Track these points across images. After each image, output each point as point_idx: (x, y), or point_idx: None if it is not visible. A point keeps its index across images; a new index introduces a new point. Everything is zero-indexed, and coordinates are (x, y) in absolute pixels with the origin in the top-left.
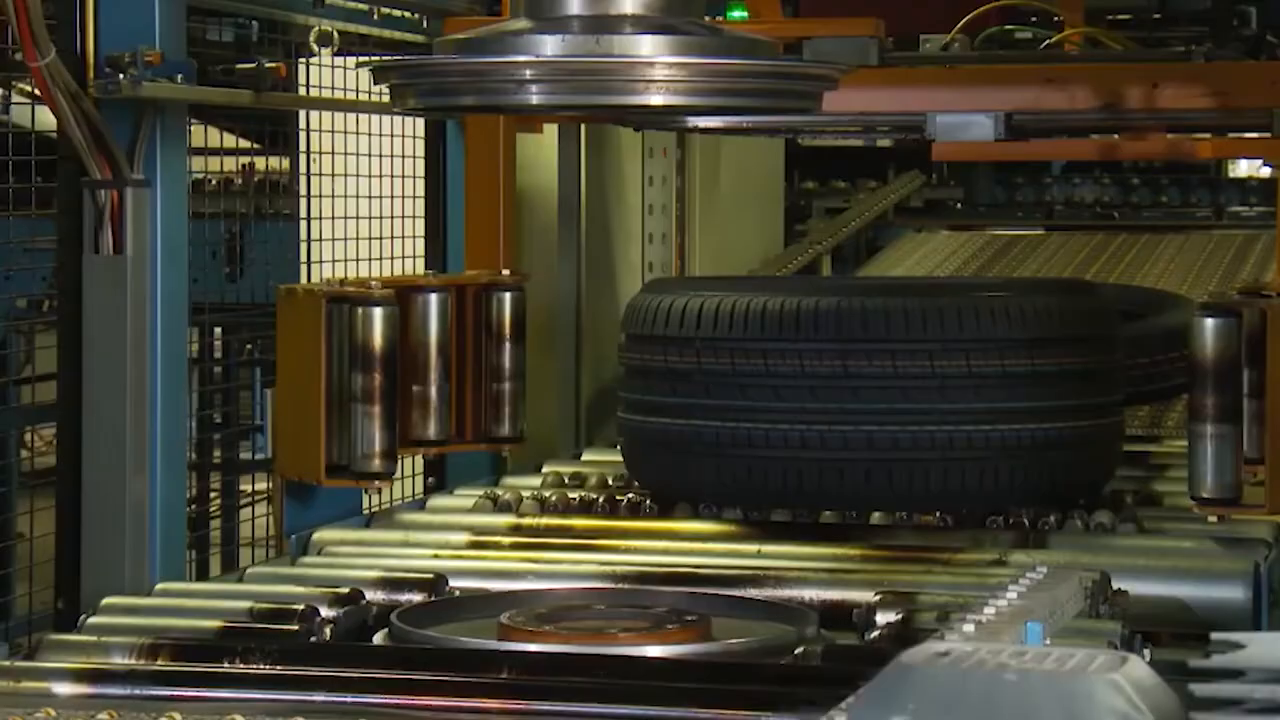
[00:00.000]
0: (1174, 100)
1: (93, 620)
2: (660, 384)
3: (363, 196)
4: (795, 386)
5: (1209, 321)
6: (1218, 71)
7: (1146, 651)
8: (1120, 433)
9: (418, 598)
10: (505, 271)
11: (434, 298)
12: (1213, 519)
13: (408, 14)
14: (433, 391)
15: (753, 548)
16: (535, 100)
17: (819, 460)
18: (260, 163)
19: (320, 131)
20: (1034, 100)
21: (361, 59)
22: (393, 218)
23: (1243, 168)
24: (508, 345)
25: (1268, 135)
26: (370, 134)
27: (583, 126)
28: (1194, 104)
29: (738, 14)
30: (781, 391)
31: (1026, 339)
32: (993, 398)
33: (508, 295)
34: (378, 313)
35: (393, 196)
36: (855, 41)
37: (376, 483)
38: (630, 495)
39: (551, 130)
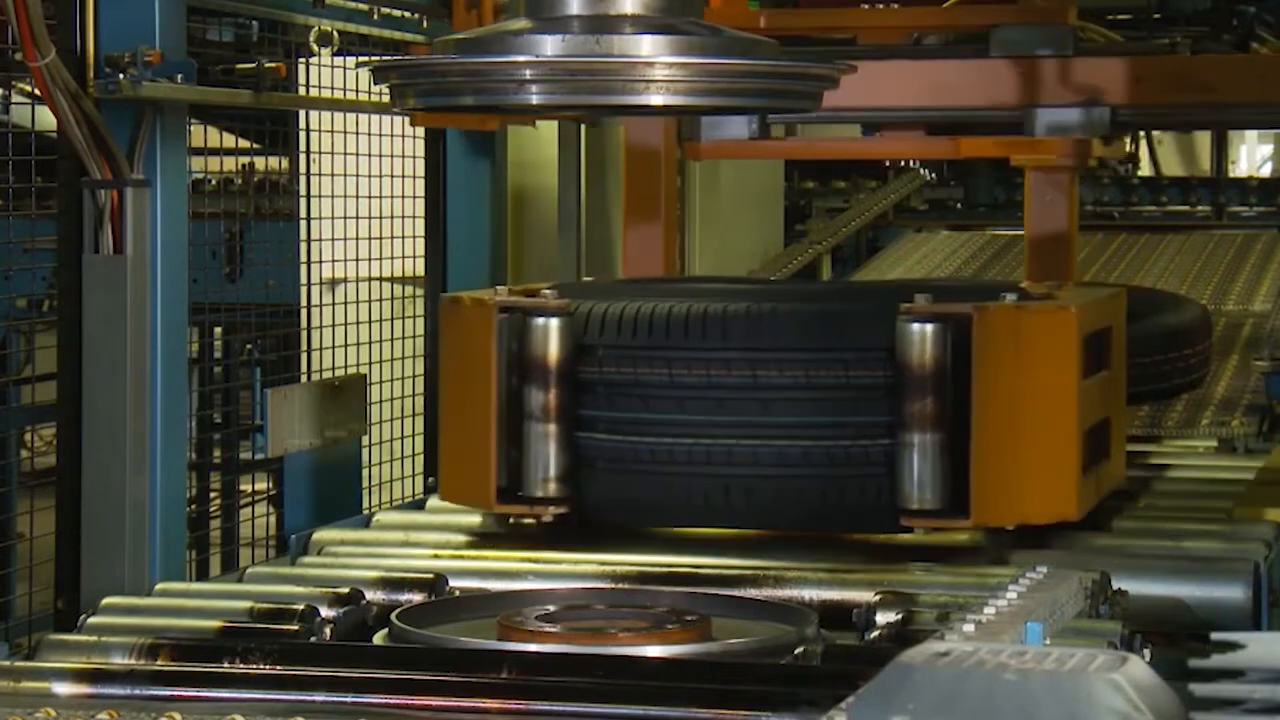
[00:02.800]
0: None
1: (93, 620)
2: (570, 395)
3: (363, 196)
4: (702, 398)
5: (913, 327)
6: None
7: (1146, 651)
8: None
9: (418, 598)
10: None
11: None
12: (920, 531)
13: (408, 14)
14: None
15: (753, 546)
16: (535, 100)
17: (724, 477)
18: (260, 163)
19: (320, 131)
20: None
21: (361, 59)
22: (393, 218)
23: (1243, 167)
24: None
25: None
26: (370, 134)
27: (582, 125)
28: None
29: None
30: (687, 404)
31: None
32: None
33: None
34: (554, 324)
35: (393, 196)
36: (1051, 30)
37: (552, 509)
38: None
39: (551, 129)
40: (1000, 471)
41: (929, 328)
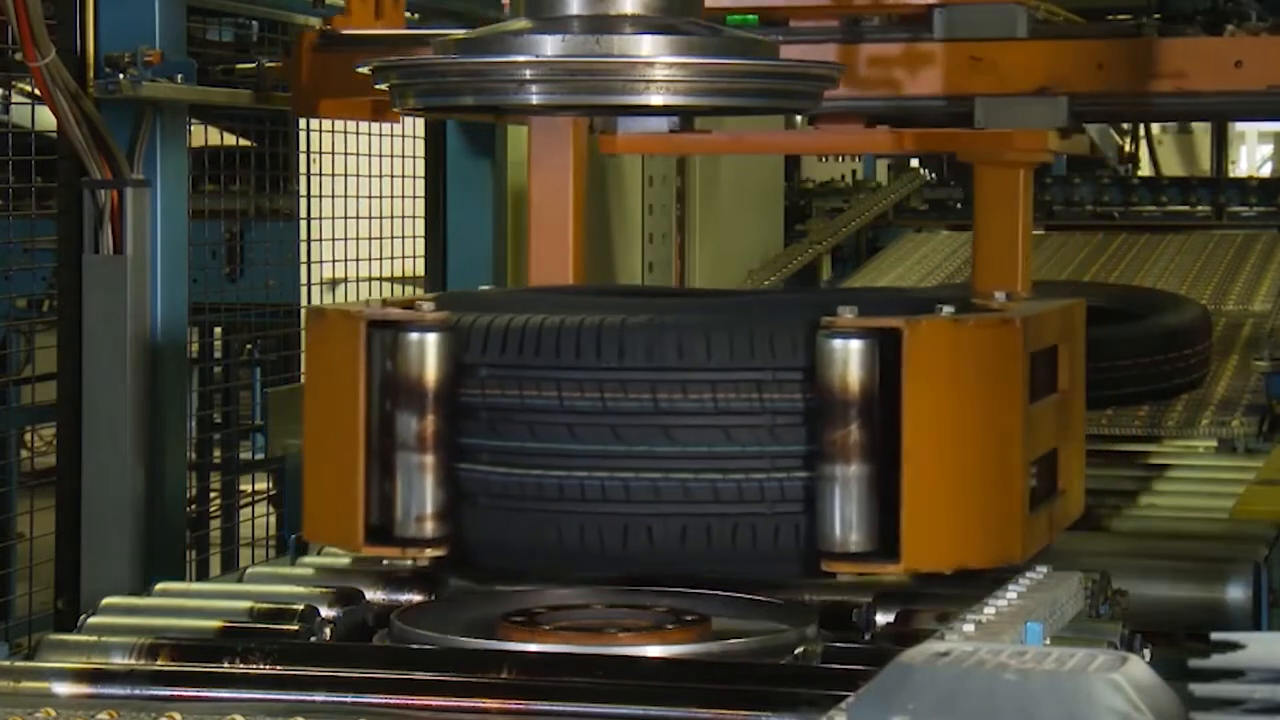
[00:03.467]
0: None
1: (93, 620)
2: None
3: (363, 196)
4: (595, 424)
5: (835, 344)
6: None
7: (1146, 651)
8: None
9: (418, 598)
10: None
11: None
12: (844, 577)
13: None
14: None
15: None
16: (535, 100)
17: (622, 516)
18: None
19: (320, 131)
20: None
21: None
22: (393, 218)
23: (1243, 167)
24: None
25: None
26: (370, 134)
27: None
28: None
29: None
30: (578, 430)
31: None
32: None
33: None
34: (430, 340)
35: (393, 196)
36: (1002, 10)
37: (429, 552)
38: None
39: None
40: (934, 509)
41: (853, 344)
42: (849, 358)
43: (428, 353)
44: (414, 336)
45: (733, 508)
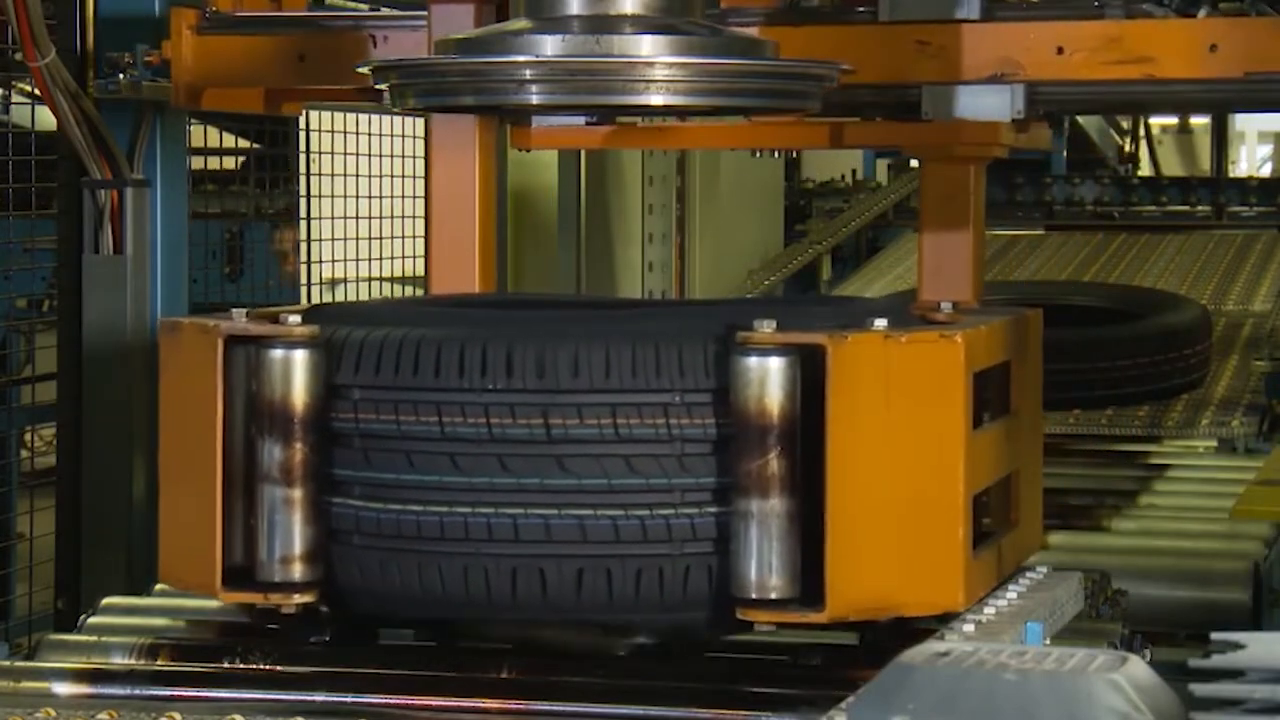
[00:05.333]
0: (1086, 69)
1: (93, 620)
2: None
3: (363, 196)
4: (480, 454)
5: (750, 362)
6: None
7: (1146, 651)
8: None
9: None
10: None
11: None
12: (764, 627)
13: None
14: None
15: None
16: (535, 100)
17: (511, 558)
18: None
19: (320, 131)
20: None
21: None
22: (393, 218)
23: (1243, 167)
24: None
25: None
26: (370, 134)
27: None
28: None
29: None
30: (461, 461)
31: None
32: None
33: None
34: (298, 358)
35: (393, 196)
36: None
37: (297, 598)
38: None
39: None
40: (863, 550)
41: (772, 363)
42: (766, 378)
43: (294, 372)
44: (278, 354)
45: (636, 549)
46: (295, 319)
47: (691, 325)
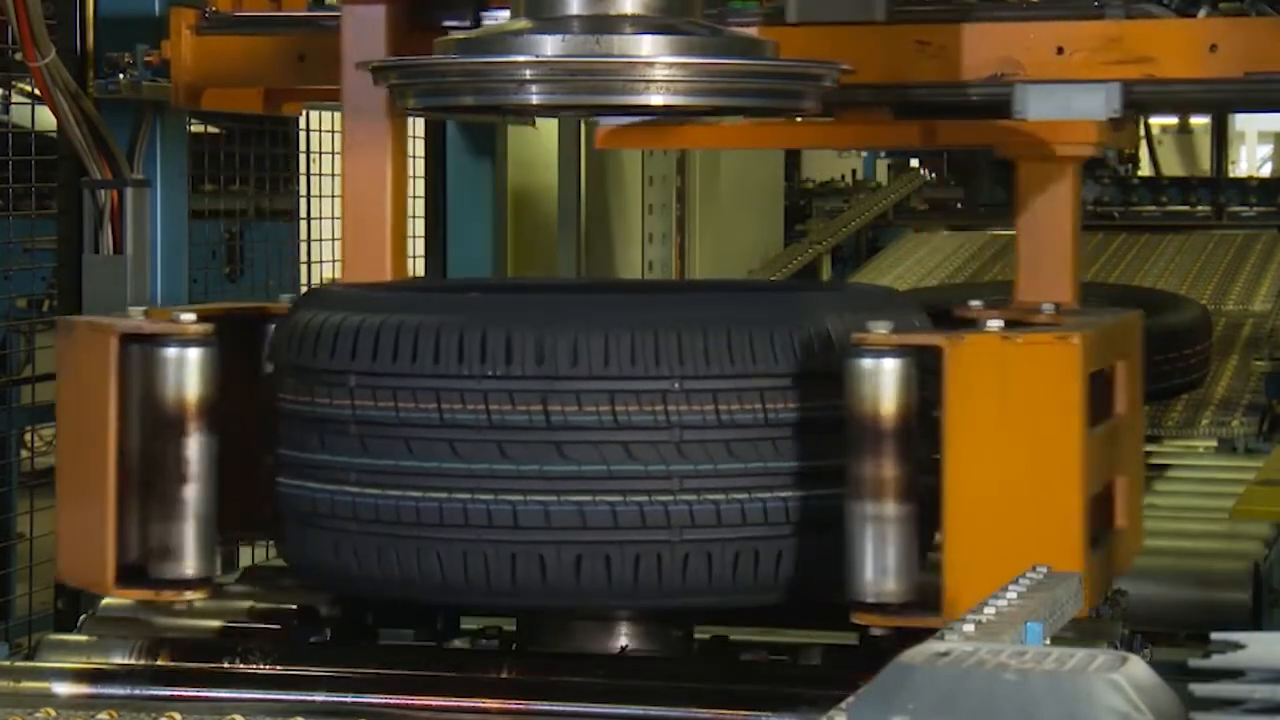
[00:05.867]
0: (1086, 69)
1: (93, 620)
2: (309, 435)
3: None
4: (479, 440)
5: (864, 364)
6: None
7: (1146, 651)
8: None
9: None
10: None
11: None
12: (878, 631)
13: None
14: None
15: None
16: (535, 100)
17: (510, 544)
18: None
19: (320, 131)
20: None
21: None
22: None
23: (1243, 167)
24: None
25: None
26: None
27: (582, 126)
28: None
29: None
30: (460, 447)
31: (799, 373)
32: (750, 455)
33: None
34: (191, 356)
35: None
36: None
37: (189, 595)
38: None
39: (551, 129)
40: (980, 554)
41: (886, 364)
42: (880, 379)
43: (188, 371)
44: (172, 353)
45: (634, 534)
46: (190, 317)
47: (690, 309)
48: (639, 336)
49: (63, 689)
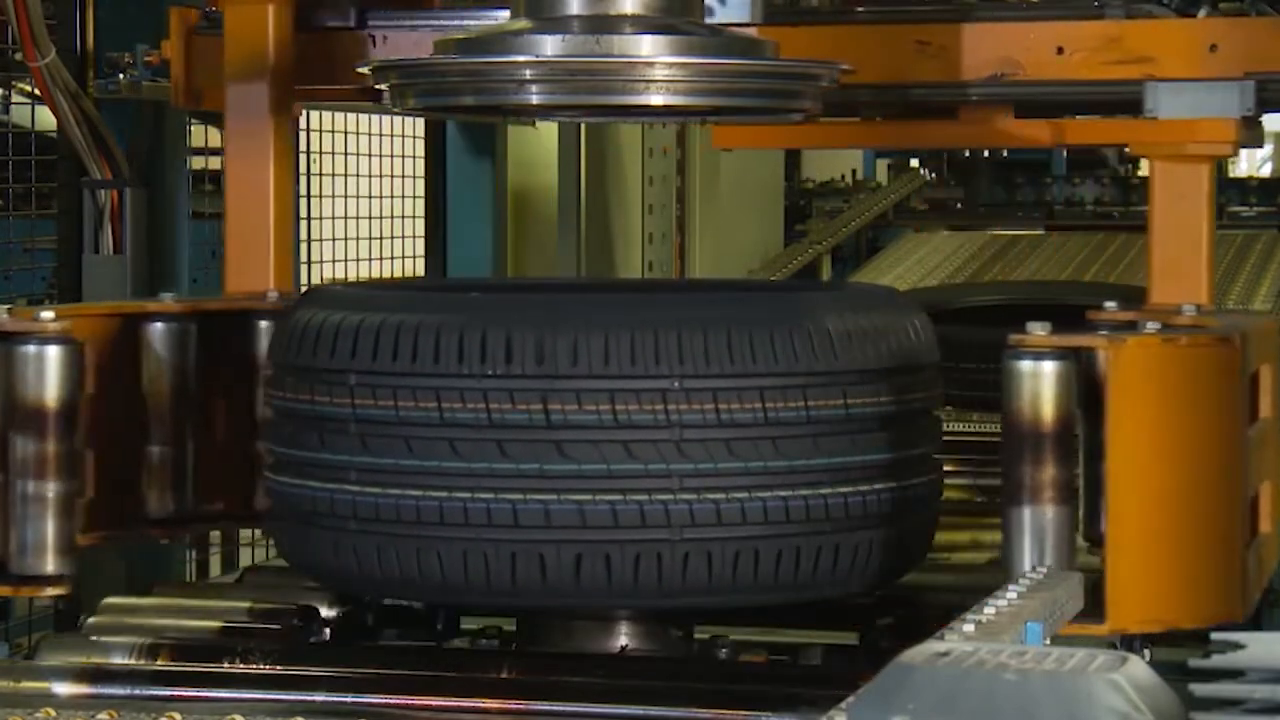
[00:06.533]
0: (1086, 69)
1: (93, 620)
2: (308, 434)
3: (363, 196)
4: (479, 439)
5: (1023, 366)
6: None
7: (1146, 651)
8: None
9: None
10: (272, 293)
11: (161, 329)
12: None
13: None
14: (166, 455)
15: None
16: (535, 100)
17: (510, 543)
18: None
19: (320, 131)
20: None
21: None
22: (393, 218)
23: (1243, 167)
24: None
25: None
26: (370, 134)
27: (582, 125)
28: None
29: None
30: (460, 446)
31: (802, 372)
32: (751, 454)
33: (270, 325)
34: (50, 353)
35: (393, 196)
36: None
37: (49, 591)
38: None
39: (551, 129)
40: (1143, 559)
41: (1046, 367)
42: (1039, 382)
43: (46, 368)
44: (31, 350)
45: (634, 534)
46: (49, 315)
47: (690, 312)
48: (639, 336)
49: (63, 689)
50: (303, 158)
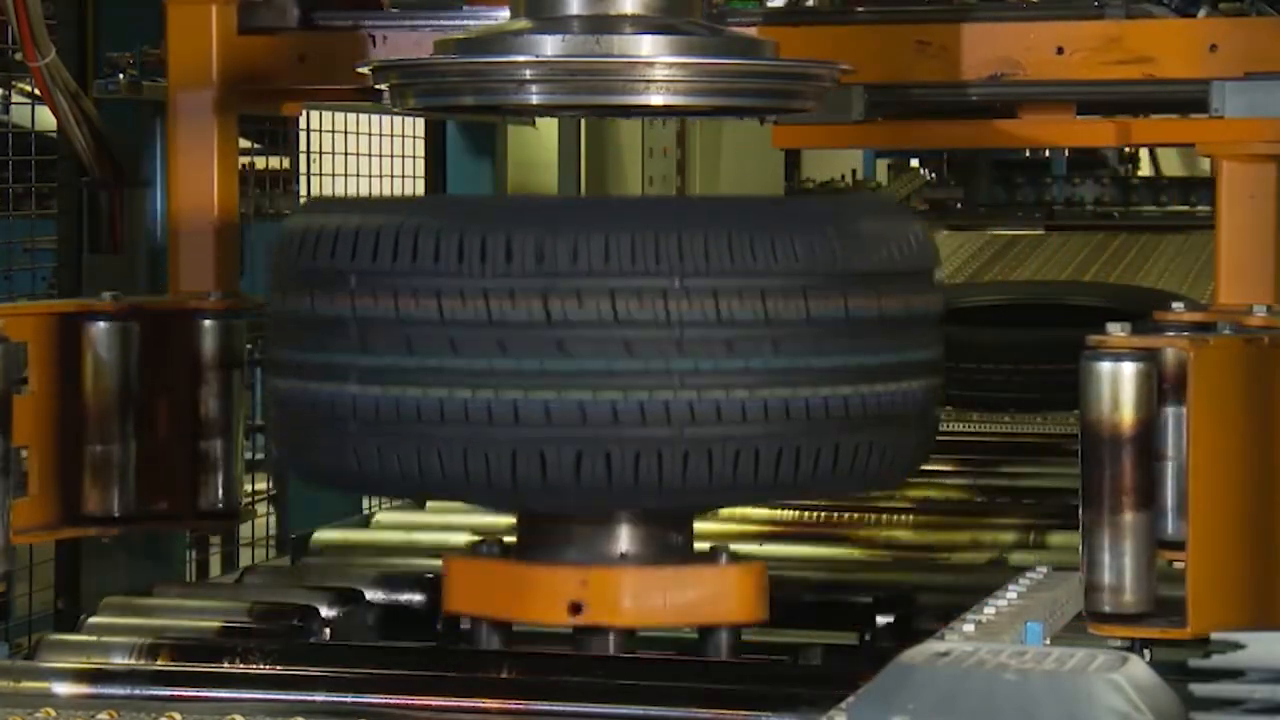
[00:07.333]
0: (1086, 70)
1: (93, 620)
2: (309, 336)
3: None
4: (480, 338)
5: (1103, 368)
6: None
7: (1146, 651)
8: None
9: (418, 598)
10: (213, 294)
11: (104, 328)
12: (1116, 642)
13: None
14: (111, 453)
15: (754, 545)
16: (535, 100)
17: (511, 441)
18: (260, 162)
19: (320, 131)
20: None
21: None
22: None
23: None
24: (214, 391)
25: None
26: (370, 134)
27: (582, 125)
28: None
29: None
30: (461, 344)
31: (801, 273)
32: (751, 353)
33: (213, 324)
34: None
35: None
36: None
37: None
38: None
39: (551, 129)
40: (1225, 562)
41: (1125, 368)
42: (1119, 384)
43: None
44: None
45: (634, 431)
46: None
47: (691, 214)
48: (639, 235)
49: (63, 689)
50: (303, 158)
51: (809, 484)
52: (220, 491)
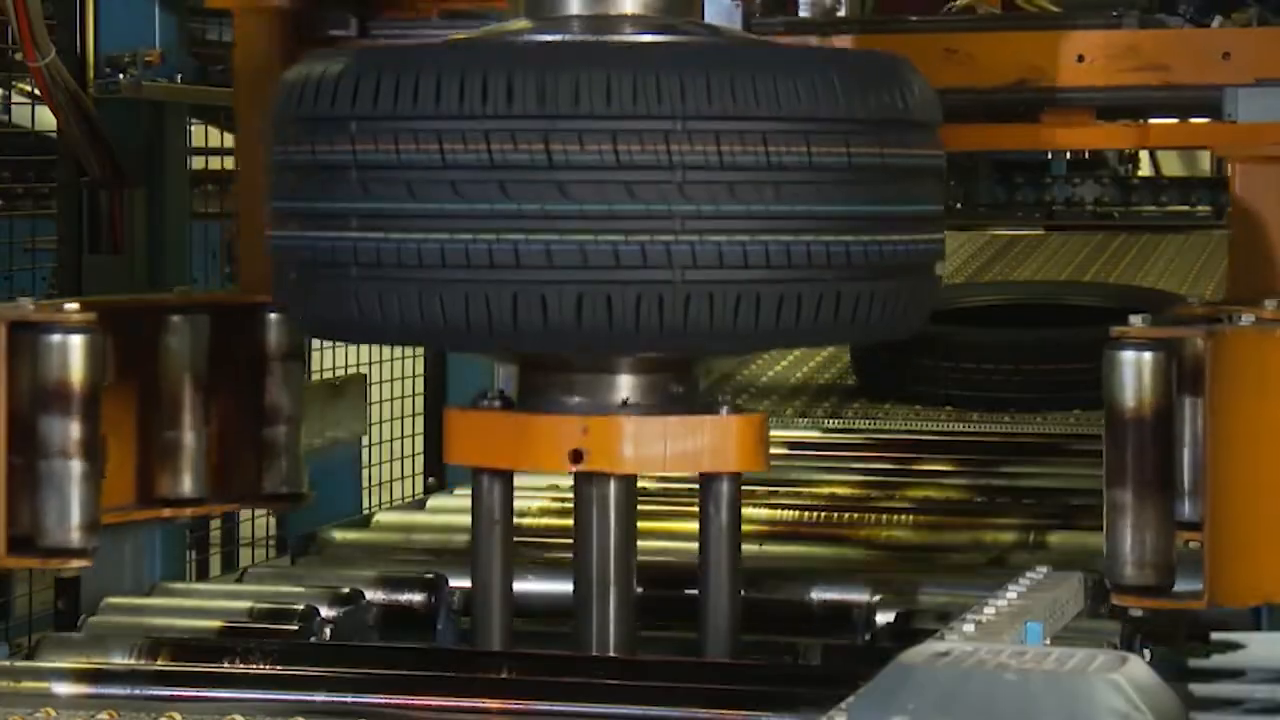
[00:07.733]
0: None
1: (93, 620)
2: (309, 183)
3: None
4: (481, 180)
5: (1125, 356)
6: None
7: (1146, 651)
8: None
9: (418, 598)
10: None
11: (180, 321)
12: (1136, 612)
13: None
14: (187, 439)
15: (753, 546)
16: None
17: (512, 284)
18: None
19: None
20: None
21: None
22: None
23: None
24: (278, 380)
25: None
26: None
27: None
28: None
29: None
30: (462, 187)
31: (804, 117)
32: (753, 197)
33: (277, 318)
34: (75, 342)
35: None
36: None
37: (75, 563)
38: None
39: None
40: (1242, 543)
41: (1146, 357)
42: (1141, 372)
43: (70, 356)
44: (56, 339)
45: (634, 274)
46: (74, 306)
47: (694, 59)
48: (641, 76)
49: (63, 689)
50: None
51: (809, 331)
52: (285, 474)
